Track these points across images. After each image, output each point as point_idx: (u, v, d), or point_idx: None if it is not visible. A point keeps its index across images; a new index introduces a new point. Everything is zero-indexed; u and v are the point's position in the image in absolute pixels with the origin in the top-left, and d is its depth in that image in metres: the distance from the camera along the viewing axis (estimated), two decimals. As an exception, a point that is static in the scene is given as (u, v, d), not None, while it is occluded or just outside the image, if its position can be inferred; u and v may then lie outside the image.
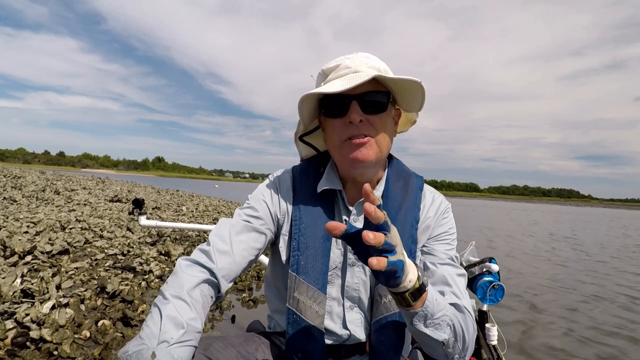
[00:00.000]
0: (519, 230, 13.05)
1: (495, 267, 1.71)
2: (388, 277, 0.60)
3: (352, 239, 0.58)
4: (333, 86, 0.77)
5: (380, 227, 0.56)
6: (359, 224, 0.87)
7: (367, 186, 0.54)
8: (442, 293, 0.78)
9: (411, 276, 0.63)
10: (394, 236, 0.58)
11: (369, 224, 0.57)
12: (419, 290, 0.65)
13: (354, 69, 0.80)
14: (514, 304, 3.90)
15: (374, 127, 0.80)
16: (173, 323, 0.63)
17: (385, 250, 0.56)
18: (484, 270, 1.72)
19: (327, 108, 0.83)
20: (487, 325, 1.74)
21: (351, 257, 0.86)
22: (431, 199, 0.92)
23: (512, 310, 3.70)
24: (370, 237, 0.53)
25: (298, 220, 0.86)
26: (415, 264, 0.66)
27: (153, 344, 0.59)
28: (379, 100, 0.80)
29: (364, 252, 0.58)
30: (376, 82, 0.80)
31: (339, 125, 0.81)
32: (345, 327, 0.86)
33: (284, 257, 0.88)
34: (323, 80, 0.86)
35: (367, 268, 0.86)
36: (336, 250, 0.87)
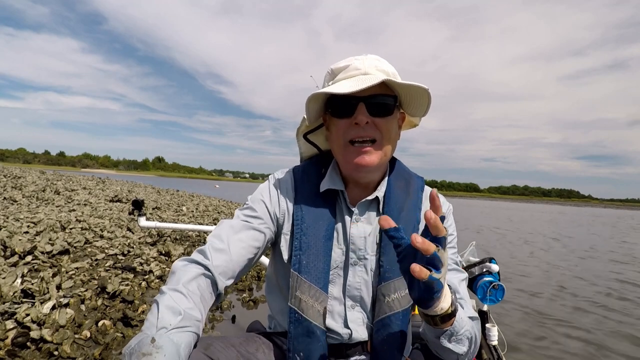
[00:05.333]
0: (539, 233, 13.03)
1: (495, 267, 1.71)
2: (423, 294, 0.59)
3: (399, 241, 0.58)
4: (342, 87, 0.78)
5: (437, 240, 0.56)
6: (360, 224, 0.87)
7: (434, 191, 0.56)
8: None
9: (444, 304, 0.63)
10: (444, 257, 0.58)
11: (428, 233, 0.57)
12: (450, 315, 0.66)
13: (364, 71, 0.81)
14: (515, 304, 3.90)
15: (379, 130, 0.81)
16: (170, 311, 0.64)
17: (432, 264, 0.56)
18: (484, 270, 1.72)
19: (334, 108, 0.83)
20: (487, 325, 1.75)
21: (353, 256, 0.87)
22: None
23: (513, 309, 3.70)
24: (418, 240, 0.52)
25: (300, 219, 0.87)
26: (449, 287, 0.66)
27: (152, 332, 0.61)
28: (386, 103, 0.81)
29: (408, 258, 0.57)
30: (384, 86, 0.80)
31: (345, 126, 0.82)
32: (346, 326, 0.86)
33: (285, 256, 0.88)
34: (331, 79, 0.86)
35: (369, 267, 0.87)
36: (338, 249, 0.87)
